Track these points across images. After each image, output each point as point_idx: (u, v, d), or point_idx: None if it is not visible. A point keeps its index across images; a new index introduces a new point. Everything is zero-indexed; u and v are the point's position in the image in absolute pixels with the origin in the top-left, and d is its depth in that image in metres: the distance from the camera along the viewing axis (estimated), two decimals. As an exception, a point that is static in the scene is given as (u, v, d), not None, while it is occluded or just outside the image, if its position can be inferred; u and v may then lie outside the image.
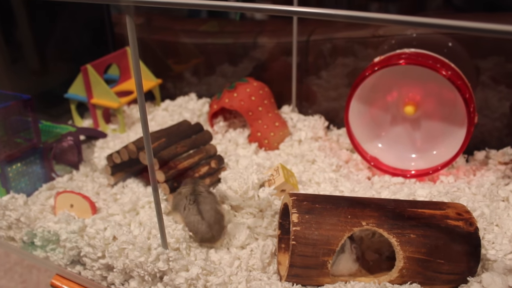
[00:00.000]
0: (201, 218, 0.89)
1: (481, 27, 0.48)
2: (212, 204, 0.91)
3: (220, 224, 0.90)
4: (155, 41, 1.53)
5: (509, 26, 0.47)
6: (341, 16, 0.54)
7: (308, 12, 0.56)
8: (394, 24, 0.53)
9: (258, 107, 1.22)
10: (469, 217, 0.81)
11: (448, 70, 1.00)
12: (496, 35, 0.48)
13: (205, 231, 0.89)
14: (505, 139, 1.21)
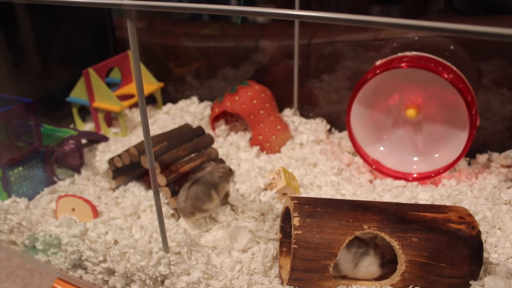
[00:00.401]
0: (187, 191, 0.96)
1: (481, 30, 0.48)
2: (207, 186, 0.95)
3: (196, 204, 0.95)
4: (157, 44, 1.53)
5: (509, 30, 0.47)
6: (343, 20, 0.54)
7: (309, 16, 0.56)
8: (395, 27, 0.53)
9: (260, 110, 1.22)
10: (471, 220, 0.80)
11: (450, 73, 1.00)
12: (497, 38, 0.48)
13: (180, 201, 0.96)
14: (507, 142, 1.21)
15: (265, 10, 0.60)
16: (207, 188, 0.95)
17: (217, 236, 0.94)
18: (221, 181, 0.98)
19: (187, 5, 0.64)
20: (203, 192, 0.95)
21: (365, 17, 0.53)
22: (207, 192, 0.95)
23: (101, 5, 0.68)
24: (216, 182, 0.97)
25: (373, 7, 1.94)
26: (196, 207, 0.95)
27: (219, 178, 0.98)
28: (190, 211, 0.95)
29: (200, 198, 0.95)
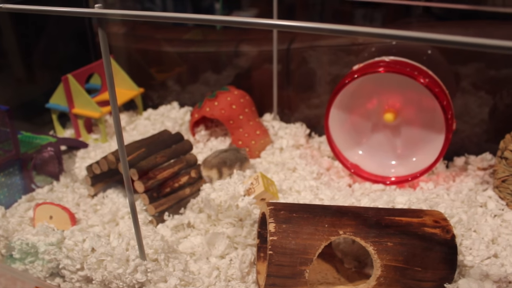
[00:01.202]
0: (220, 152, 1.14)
1: (453, 40, 0.49)
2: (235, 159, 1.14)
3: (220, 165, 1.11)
4: (137, 50, 1.53)
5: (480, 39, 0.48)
6: (320, 30, 0.54)
7: (287, 26, 0.56)
8: (371, 37, 0.53)
9: (239, 115, 1.22)
10: (446, 224, 0.81)
11: (426, 78, 1.01)
12: (469, 47, 0.48)
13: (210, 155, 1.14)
14: (484, 144, 1.22)
15: (243, 19, 0.60)
16: (234, 160, 1.13)
17: (195, 243, 0.94)
18: (246, 161, 1.15)
19: (160, 14, 0.64)
20: (230, 160, 1.12)
21: (341, 27, 0.54)
22: (232, 163, 1.12)
23: (72, 13, 0.68)
24: (243, 158, 1.14)
25: (356, 11, 1.96)
26: (218, 166, 1.11)
27: (245, 158, 1.15)
28: (212, 165, 1.11)
29: (226, 163, 1.11)
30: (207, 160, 1.12)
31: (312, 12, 2.08)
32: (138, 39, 1.55)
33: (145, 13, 0.64)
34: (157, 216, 1.00)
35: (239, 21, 0.61)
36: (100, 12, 0.65)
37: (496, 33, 1.13)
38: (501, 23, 1.14)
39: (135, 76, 1.48)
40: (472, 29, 1.15)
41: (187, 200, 1.04)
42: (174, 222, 0.98)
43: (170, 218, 1.00)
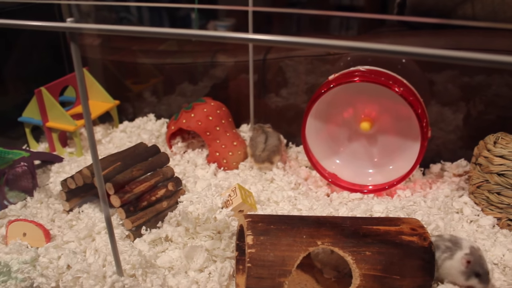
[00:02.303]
0: (264, 144, 1.19)
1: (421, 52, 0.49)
2: (277, 142, 1.20)
3: (270, 156, 1.18)
4: (113, 61, 1.51)
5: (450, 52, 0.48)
6: (295, 43, 0.55)
7: (262, 40, 0.56)
8: (344, 50, 0.53)
9: (216, 127, 1.22)
10: (423, 232, 0.82)
11: (401, 87, 1.02)
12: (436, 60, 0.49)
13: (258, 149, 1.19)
14: (459, 151, 1.24)
15: (218, 34, 0.60)
16: (278, 144, 1.19)
17: (173, 256, 0.92)
18: (282, 140, 1.23)
19: (133, 28, 0.63)
20: (276, 146, 1.19)
21: (315, 40, 0.54)
22: (278, 147, 1.19)
23: (43, 27, 0.67)
24: (281, 140, 1.22)
25: (332, 21, 1.97)
26: (269, 158, 1.18)
27: (273, 131, 1.22)
28: (264, 159, 1.18)
29: (275, 151, 1.18)
30: (257, 156, 1.18)
31: (288, 23, 2.09)
32: (113, 50, 1.54)
33: (118, 27, 0.63)
34: (134, 231, 0.98)
35: (214, 36, 0.61)
36: (72, 27, 0.64)
37: (465, 41, 1.15)
38: (470, 32, 1.17)
39: (110, 88, 1.46)
40: (442, 38, 1.17)
41: (164, 213, 1.03)
42: (151, 236, 0.97)
43: (148, 232, 0.98)
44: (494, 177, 0.99)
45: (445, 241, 0.83)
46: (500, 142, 1.02)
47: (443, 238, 0.84)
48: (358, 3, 2.00)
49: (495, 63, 0.46)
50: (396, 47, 0.51)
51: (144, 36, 0.62)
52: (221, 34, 0.60)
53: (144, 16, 1.97)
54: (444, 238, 0.84)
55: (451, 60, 0.48)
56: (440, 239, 0.84)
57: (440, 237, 0.85)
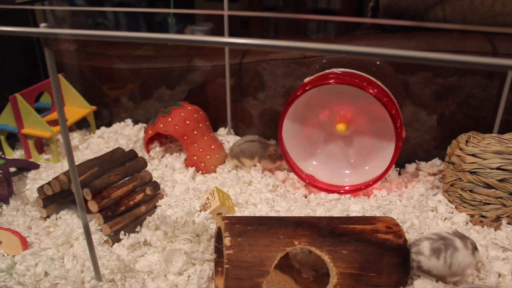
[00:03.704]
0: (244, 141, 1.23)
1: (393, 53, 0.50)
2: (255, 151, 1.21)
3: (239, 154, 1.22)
4: (89, 67, 1.51)
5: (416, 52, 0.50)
6: (269, 46, 0.55)
7: (240, 43, 0.57)
8: (321, 53, 0.54)
9: (193, 131, 1.22)
10: (398, 230, 0.83)
11: (375, 88, 1.04)
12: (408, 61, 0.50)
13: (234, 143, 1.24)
14: (433, 151, 1.26)
15: (194, 38, 0.60)
16: (254, 152, 1.20)
17: (152, 260, 0.92)
18: (265, 157, 1.20)
19: (105, 33, 0.64)
20: (249, 151, 1.20)
21: (292, 44, 0.54)
22: (252, 154, 1.19)
23: (16, 33, 0.67)
24: (261, 155, 1.20)
25: (310, 24, 2.00)
26: (237, 156, 1.21)
27: (267, 155, 1.20)
28: (233, 155, 1.22)
29: (245, 153, 1.20)
30: (230, 148, 1.24)
31: (266, 26, 2.11)
32: (90, 56, 1.53)
33: (91, 32, 0.64)
34: (112, 236, 0.98)
35: (189, 40, 0.61)
36: (45, 32, 0.64)
37: (437, 43, 1.18)
38: (441, 34, 1.19)
39: (87, 94, 1.45)
40: (415, 40, 1.19)
41: (143, 218, 1.02)
42: (130, 241, 0.96)
43: (126, 237, 0.98)
44: (467, 175, 1.01)
45: (437, 242, 0.84)
46: (472, 141, 1.04)
47: (432, 239, 0.85)
48: (334, 7, 2.02)
49: (465, 63, 0.48)
50: (369, 49, 0.52)
51: (117, 40, 0.62)
52: (196, 38, 0.61)
53: (121, 22, 1.97)
54: (433, 238, 0.85)
55: (422, 61, 0.50)
56: (433, 241, 0.84)
57: (431, 240, 0.85)
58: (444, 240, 0.84)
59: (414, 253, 0.84)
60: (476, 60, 0.47)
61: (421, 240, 0.85)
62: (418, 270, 0.84)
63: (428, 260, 0.83)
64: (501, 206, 0.99)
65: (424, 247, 0.84)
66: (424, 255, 0.83)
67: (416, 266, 0.83)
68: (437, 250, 0.83)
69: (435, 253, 0.83)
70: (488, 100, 1.19)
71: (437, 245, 0.83)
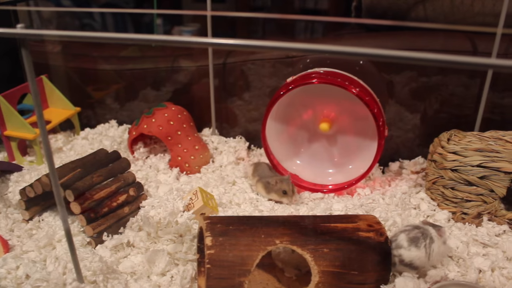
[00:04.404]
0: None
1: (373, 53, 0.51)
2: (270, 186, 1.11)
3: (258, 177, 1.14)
4: (73, 68, 1.50)
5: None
6: (254, 46, 0.55)
7: (222, 44, 0.57)
8: (303, 53, 0.55)
9: (177, 131, 1.22)
10: (380, 227, 0.84)
11: (357, 87, 1.05)
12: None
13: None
14: (416, 149, 1.27)
15: (178, 38, 0.60)
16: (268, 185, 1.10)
17: (135, 262, 0.92)
18: (275, 191, 1.09)
19: (84, 33, 0.63)
20: (263, 182, 1.11)
21: (274, 44, 0.55)
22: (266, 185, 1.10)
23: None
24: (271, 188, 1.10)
25: (294, 24, 2.00)
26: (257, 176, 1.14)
27: (277, 190, 1.09)
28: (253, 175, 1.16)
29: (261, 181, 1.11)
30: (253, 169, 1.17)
31: (254, 26, 2.11)
32: (74, 57, 1.52)
33: (68, 33, 0.63)
34: (95, 237, 0.97)
35: (172, 41, 0.61)
36: (22, 33, 0.63)
37: (418, 43, 1.19)
38: (423, 34, 1.20)
39: (71, 95, 1.45)
40: (397, 39, 1.20)
41: (126, 219, 1.02)
42: (113, 242, 0.96)
43: (109, 238, 0.98)
44: (448, 172, 1.02)
45: (412, 231, 0.86)
46: (453, 139, 1.05)
47: (407, 230, 0.86)
48: (319, 7, 2.03)
49: (446, 63, 0.48)
50: (350, 48, 0.53)
51: (96, 41, 0.62)
52: (179, 39, 0.61)
53: (108, 23, 1.96)
54: (408, 229, 0.86)
55: (402, 61, 0.50)
56: (408, 231, 0.86)
57: (406, 231, 0.86)
58: (419, 229, 0.86)
59: (394, 249, 0.84)
60: (457, 59, 0.48)
61: (397, 235, 0.86)
62: (401, 264, 0.84)
63: (409, 251, 0.84)
64: (482, 203, 1.00)
65: (401, 239, 0.85)
66: (403, 247, 0.84)
67: (398, 261, 0.84)
68: (415, 239, 0.84)
69: (413, 242, 0.84)
70: (470, 98, 1.21)
71: (413, 234, 0.85)
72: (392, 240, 0.86)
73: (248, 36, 2.02)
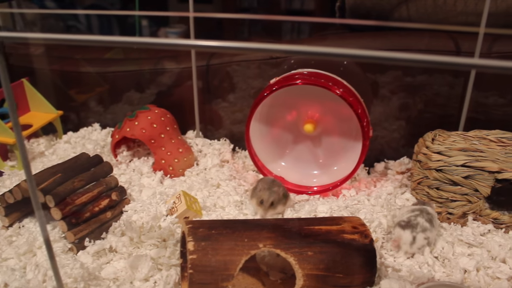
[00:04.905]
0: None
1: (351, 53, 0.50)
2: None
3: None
4: (55, 71, 1.48)
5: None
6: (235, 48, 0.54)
7: (204, 46, 0.56)
8: (285, 54, 0.54)
9: (161, 134, 1.21)
10: (364, 229, 0.83)
11: (341, 88, 1.04)
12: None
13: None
14: (401, 149, 1.27)
15: (159, 40, 0.59)
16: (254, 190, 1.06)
17: (118, 267, 0.90)
18: (256, 197, 1.04)
19: (63, 36, 0.62)
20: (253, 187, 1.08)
21: (256, 45, 0.54)
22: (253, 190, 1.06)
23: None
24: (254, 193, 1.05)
25: (279, 25, 1.99)
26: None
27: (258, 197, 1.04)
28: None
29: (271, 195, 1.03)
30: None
31: (239, 27, 2.10)
32: (57, 60, 1.50)
33: (45, 35, 0.62)
34: (77, 243, 0.96)
35: (153, 43, 0.60)
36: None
37: (402, 43, 1.18)
38: (407, 34, 1.20)
39: (54, 98, 1.43)
40: (381, 39, 1.20)
41: (109, 224, 1.00)
42: (95, 248, 0.94)
43: (91, 244, 0.96)
44: (433, 173, 1.02)
45: (424, 214, 0.95)
46: (438, 139, 1.05)
47: (422, 212, 0.94)
48: (305, 8, 2.03)
49: (428, 63, 0.47)
50: (333, 49, 0.52)
51: (79, 44, 0.61)
52: (161, 41, 0.59)
53: (93, 25, 1.94)
54: (420, 212, 0.94)
55: (385, 61, 0.50)
56: (423, 214, 0.94)
57: (420, 213, 0.94)
58: (423, 210, 0.95)
59: (420, 232, 0.92)
60: (440, 60, 0.47)
61: (414, 219, 0.94)
62: (427, 245, 0.92)
63: (431, 232, 0.93)
64: (467, 202, 1.00)
65: (423, 222, 0.93)
66: (428, 229, 0.92)
67: (427, 243, 0.92)
68: (429, 220, 0.93)
69: (431, 223, 0.93)
70: (455, 98, 1.21)
71: (426, 216, 0.93)
72: (413, 223, 0.93)
73: (235, 37, 2.01)
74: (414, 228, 0.92)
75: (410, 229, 0.92)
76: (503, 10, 1.14)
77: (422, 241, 0.91)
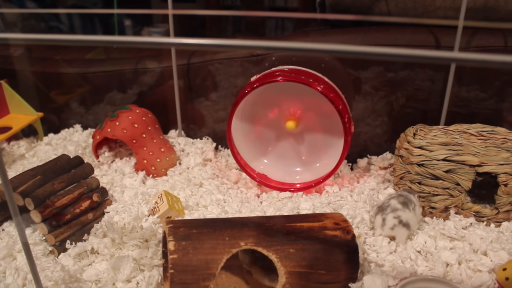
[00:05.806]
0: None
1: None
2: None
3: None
4: (34, 72, 1.46)
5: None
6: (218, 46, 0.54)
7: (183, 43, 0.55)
8: (266, 50, 0.53)
9: (142, 134, 1.20)
10: (346, 225, 0.83)
11: (321, 84, 1.04)
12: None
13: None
14: (384, 145, 1.28)
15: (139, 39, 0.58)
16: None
17: (100, 269, 0.89)
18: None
19: (39, 36, 0.61)
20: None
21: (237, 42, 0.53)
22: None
23: None
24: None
25: (268, 22, 1.99)
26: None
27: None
28: None
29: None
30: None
31: (222, 25, 2.09)
32: (35, 61, 1.49)
33: (25, 36, 0.61)
34: (58, 246, 0.95)
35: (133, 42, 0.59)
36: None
37: (382, 38, 1.19)
38: (387, 29, 1.21)
39: (34, 100, 1.41)
40: (361, 35, 1.20)
41: (90, 225, 0.99)
42: (76, 250, 0.93)
43: (73, 246, 0.95)
44: (415, 167, 1.02)
45: (400, 197, 0.96)
46: (419, 134, 1.05)
47: (395, 197, 0.97)
48: (288, 5, 2.03)
49: (409, 57, 0.47)
50: (314, 45, 0.51)
51: (60, 44, 0.60)
52: (141, 40, 0.58)
53: (76, 26, 1.92)
54: (395, 196, 0.97)
55: (364, 56, 0.49)
56: (397, 197, 0.96)
57: (395, 198, 0.96)
58: (403, 196, 0.97)
59: (390, 213, 0.93)
60: (420, 54, 0.47)
61: (387, 201, 0.96)
62: (399, 224, 0.93)
63: (404, 212, 0.94)
64: (449, 196, 1.01)
65: (394, 203, 0.95)
66: (399, 209, 0.94)
67: (398, 222, 0.93)
68: (404, 203, 0.95)
69: (405, 205, 0.95)
70: (436, 92, 1.21)
71: (402, 199, 0.95)
72: (383, 207, 0.96)
73: (218, 36, 2.01)
74: (384, 210, 0.95)
75: (381, 212, 0.95)
76: (481, 4, 1.15)
77: (392, 220, 0.93)
